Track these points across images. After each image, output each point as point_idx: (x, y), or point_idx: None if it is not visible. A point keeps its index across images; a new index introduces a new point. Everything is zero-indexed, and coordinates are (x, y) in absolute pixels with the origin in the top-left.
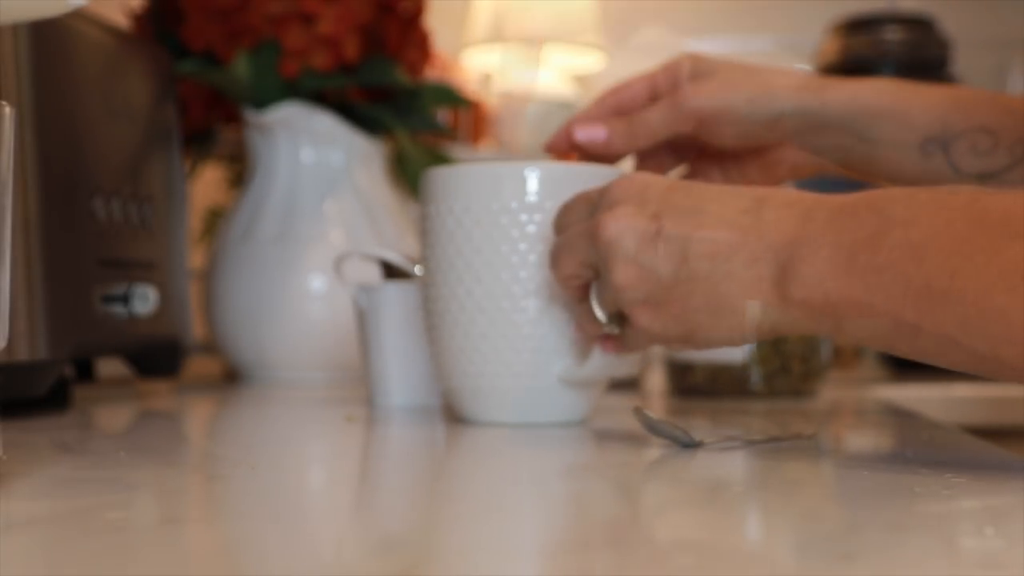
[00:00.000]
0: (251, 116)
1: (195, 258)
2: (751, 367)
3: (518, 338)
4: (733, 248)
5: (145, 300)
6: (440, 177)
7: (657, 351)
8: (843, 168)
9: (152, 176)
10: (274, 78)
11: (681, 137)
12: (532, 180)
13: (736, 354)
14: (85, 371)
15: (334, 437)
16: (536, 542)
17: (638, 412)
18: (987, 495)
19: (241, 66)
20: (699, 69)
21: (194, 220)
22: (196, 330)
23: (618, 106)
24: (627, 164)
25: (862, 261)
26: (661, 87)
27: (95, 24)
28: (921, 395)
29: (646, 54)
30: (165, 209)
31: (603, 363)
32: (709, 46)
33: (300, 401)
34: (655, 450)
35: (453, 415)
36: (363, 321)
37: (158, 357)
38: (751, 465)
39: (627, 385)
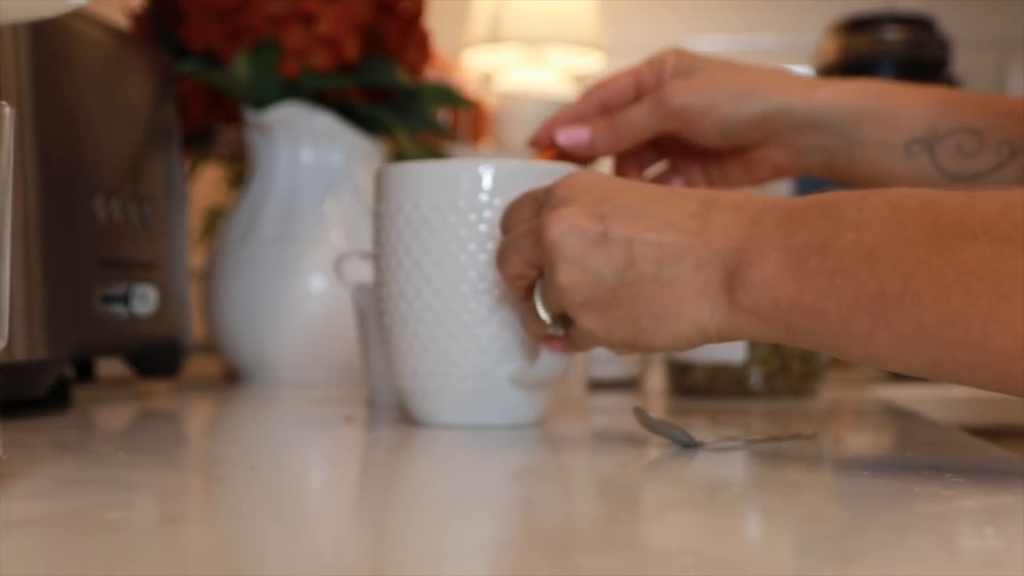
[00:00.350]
0: (251, 116)
1: (195, 258)
2: (751, 367)
3: (467, 338)
4: (680, 252)
5: (145, 300)
6: (390, 174)
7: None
8: (826, 169)
9: (152, 176)
10: (274, 78)
11: (663, 135)
12: (482, 177)
13: (736, 354)
14: (85, 371)
15: (334, 437)
16: (534, 542)
17: (638, 412)
18: (987, 495)
19: (241, 66)
20: (683, 65)
21: (194, 220)
22: (196, 330)
23: (604, 102)
24: (606, 163)
25: (813, 266)
26: (646, 82)
27: (95, 24)
28: (921, 395)
29: (646, 54)
30: (165, 209)
31: (552, 363)
32: (709, 46)
33: (300, 401)
34: (655, 450)
35: (406, 417)
36: (363, 321)
37: (158, 357)
38: (751, 465)
39: (627, 385)
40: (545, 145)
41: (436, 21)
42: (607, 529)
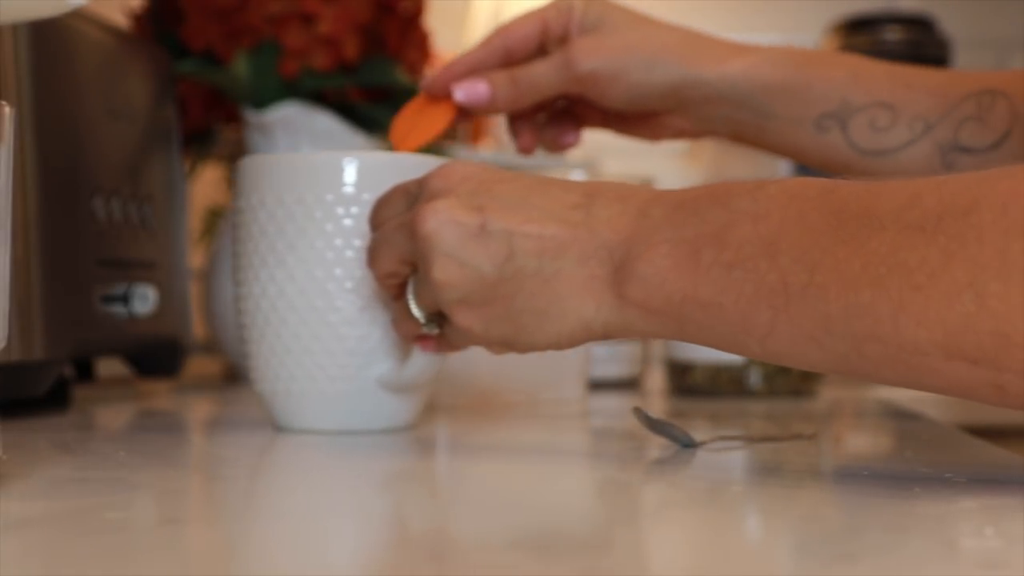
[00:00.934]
0: (251, 116)
1: (195, 258)
2: (751, 367)
3: (333, 339)
4: (563, 245)
5: (145, 300)
6: (251, 167)
7: (656, 351)
8: (733, 138)
9: (152, 176)
10: (274, 78)
11: (567, 95)
12: (348, 170)
13: (736, 355)
14: (85, 371)
15: (334, 437)
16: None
17: (638, 412)
18: (987, 495)
19: (241, 66)
20: (592, 15)
21: (194, 220)
22: (196, 330)
23: (507, 48)
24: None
25: (708, 258)
26: (552, 28)
27: (95, 24)
28: (921, 395)
29: None
30: (165, 209)
31: (425, 365)
32: None
33: None
34: (655, 450)
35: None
36: None
37: (158, 357)
38: (751, 465)
39: (627, 385)
40: (441, 94)
41: (436, 21)
42: (607, 529)
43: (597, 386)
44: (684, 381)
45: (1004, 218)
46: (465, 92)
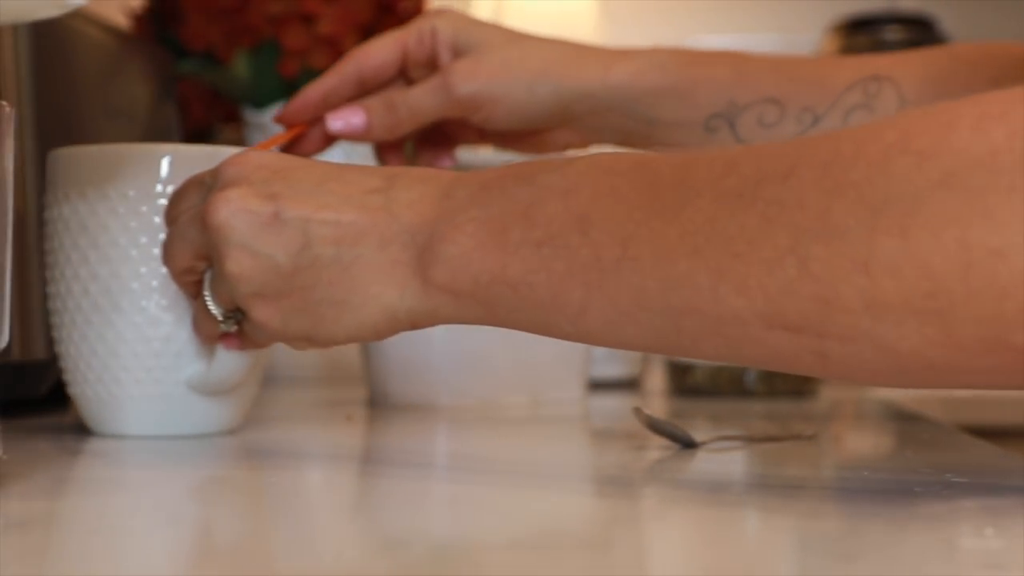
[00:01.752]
0: (251, 116)
1: None
2: (751, 367)
3: (139, 341)
4: (361, 231)
5: None
6: (56, 160)
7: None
8: (621, 146)
9: None
10: (274, 78)
11: (447, 120)
12: (155, 165)
13: None
14: None
15: (334, 437)
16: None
17: (638, 412)
18: (987, 495)
19: (241, 66)
20: (462, 37)
21: None
22: None
23: (360, 77)
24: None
25: (516, 236)
26: (413, 55)
27: (95, 24)
28: (921, 395)
29: None
30: None
31: (232, 366)
32: (709, 46)
33: (300, 401)
34: (655, 450)
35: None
36: None
37: None
38: (751, 465)
39: (627, 385)
40: (292, 123)
41: None
42: (607, 529)
43: (597, 386)
44: (684, 381)
45: (825, 179)
46: (341, 122)
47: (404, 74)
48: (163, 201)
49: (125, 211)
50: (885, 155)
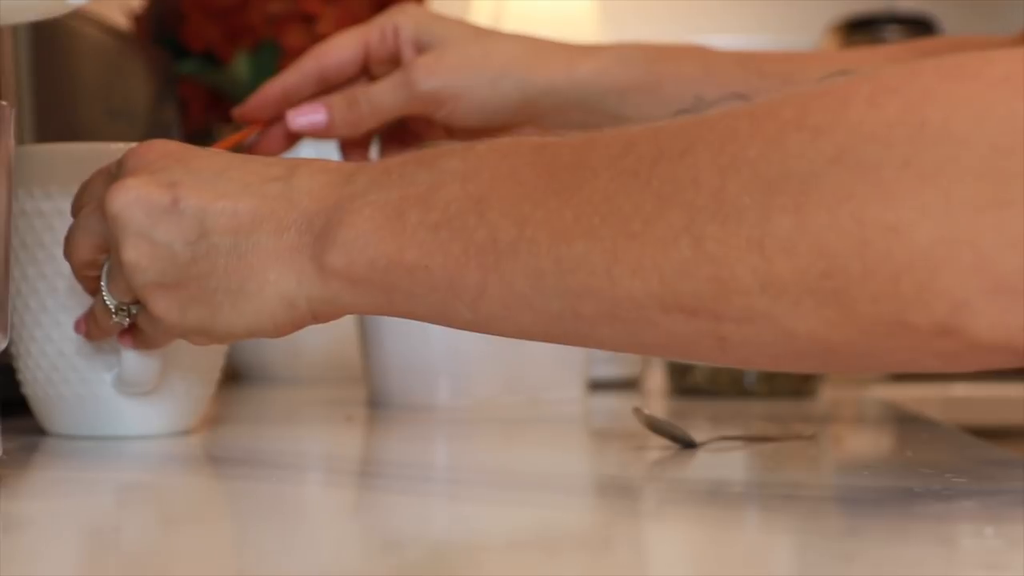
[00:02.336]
0: None
1: None
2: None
3: (65, 341)
4: (258, 219)
5: None
6: (22, 158)
7: None
8: None
9: None
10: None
11: (409, 116)
12: (88, 164)
13: None
14: None
15: (334, 437)
16: (528, 541)
17: (638, 412)
18: (987, 495)
19: (241, 66)
20: (424, 33)
21: None
22: None
23: (321, 74)
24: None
25: (413, 219)
26: (375, 51)
27: (95, 24)
28: (921, 395)
29: None
30: None
31: (138, 365)
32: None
33: (300, 401)
34: (655, 450)
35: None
36: (363, 321)
37: None
38: (751, 465)
39: (627, 385)
40: (251, 119)
41: None
42: (607, 529)
43: (597, 386)
44: (684, 381)
45: (720, 156)
46: (304, 119)
47: (367, 71)
48: None
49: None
50: (781, 131)
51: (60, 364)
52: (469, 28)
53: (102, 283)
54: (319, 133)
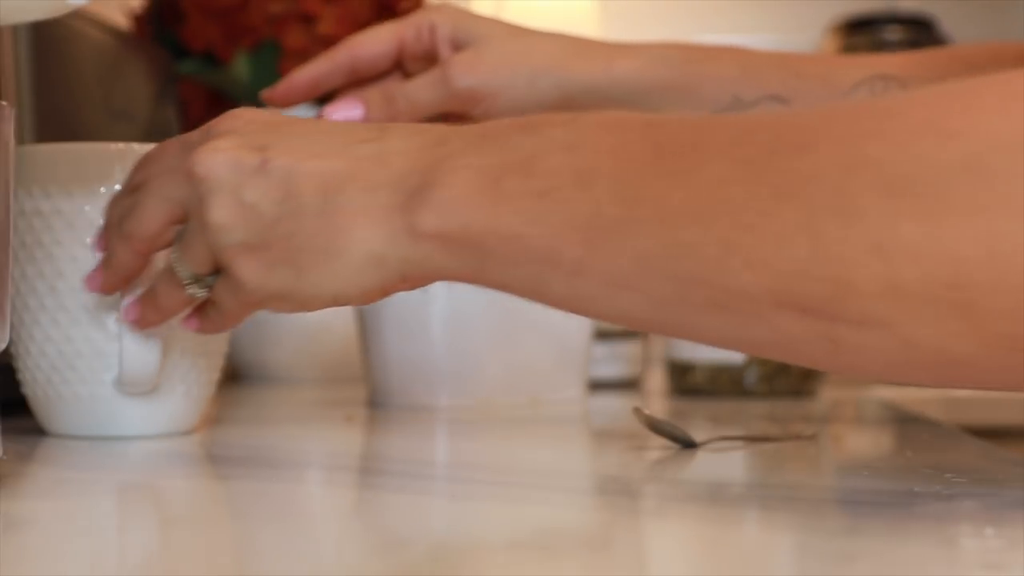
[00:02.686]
0: None
1: None
2: (750, 367)
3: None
4: (348, 178)
5: None
6: (22, 158)
7: (656, 351)
8: None
9: None
10: (274, 78)
11: (445, 112)
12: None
13: (735, 354)
14: None
15: (334, 437)
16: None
17: (638, 412)
18: (987, 495)
19: (241, 66)
20: (462, 32)
21: None
22: None
23: (353, 66)
24: None
25: (513, 185)
26: (410, 48)
27: (95, 24)
28: (921, 395)
29: None
30: None
31: (138, 363)
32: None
33: (300, 401)
34: (655, 450)
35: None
36: (363, 321)
37: None
38: (751, 465)
39: (627, 385)
40: (280, 104)
41: None
42: (607, 529)
43: (597, 386)
44: (684, 381)
45: (843, 154)
46: (341, 113)
47: (400, 67)
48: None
49: (92, 209)
50: (910, 133)
51: (60, 364)
52: (507, 26)
53: (173, 255)
54: None
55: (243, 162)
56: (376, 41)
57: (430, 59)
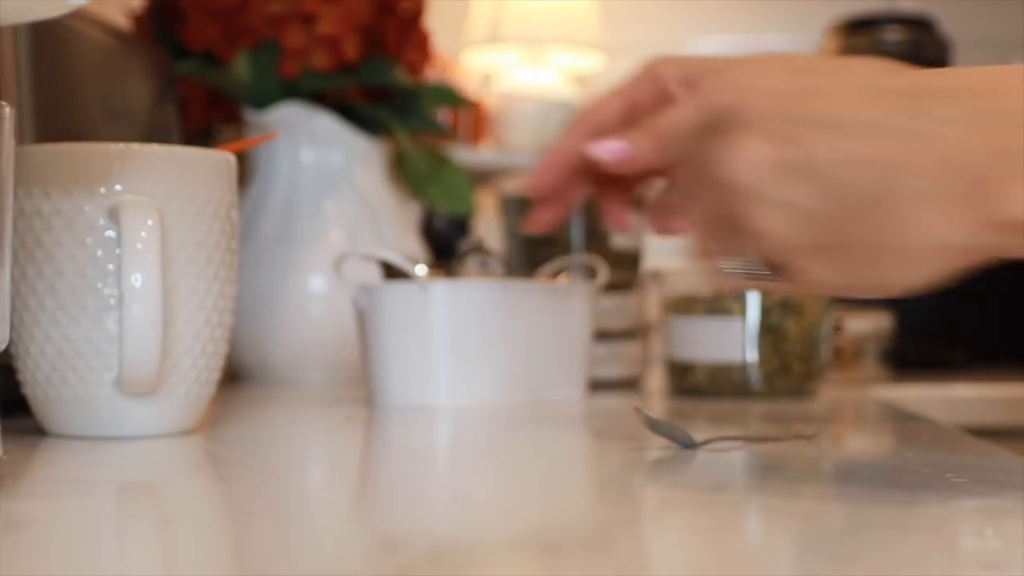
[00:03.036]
0: (251, 116)
1: None
2: (750, 367)
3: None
4: (896, 164)
5: None
6: (22, 158)
7: (656, 351)
8: None
9: None
10: (274, 78)
11: None
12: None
13: (736, 354)
14: None
15: (334, 437)
16: (524, 542)
17: (638, 412)
18: (987, 495)
19: (241, 66)
20: (690, 73)
21: None
22: None
23: (595, 132)
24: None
25: None
26: (642, 100)
27: (95, 24)
28: (921, 395)
29: (646, 54)
30: None
31: (139, 364)
32: (709, 46)
33: (300, 401)
34: (655, 450)
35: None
36: (363, 321)
37: None
38: (751, 465)
39: (627, 385)
40: (568, 161)
41: (436, 21)
42: (607, 529)
43: (597, 386)
44: (684, 381)
45: None
46: (606, 150)
47: (631, 121)
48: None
49: (92, 210)
50: None
51: (60, 364)
52: (729, 60)
53: (717, 254)
54: (624, 163)
55: (779, 162)
56: (608, 111)
57: (664, 107)
